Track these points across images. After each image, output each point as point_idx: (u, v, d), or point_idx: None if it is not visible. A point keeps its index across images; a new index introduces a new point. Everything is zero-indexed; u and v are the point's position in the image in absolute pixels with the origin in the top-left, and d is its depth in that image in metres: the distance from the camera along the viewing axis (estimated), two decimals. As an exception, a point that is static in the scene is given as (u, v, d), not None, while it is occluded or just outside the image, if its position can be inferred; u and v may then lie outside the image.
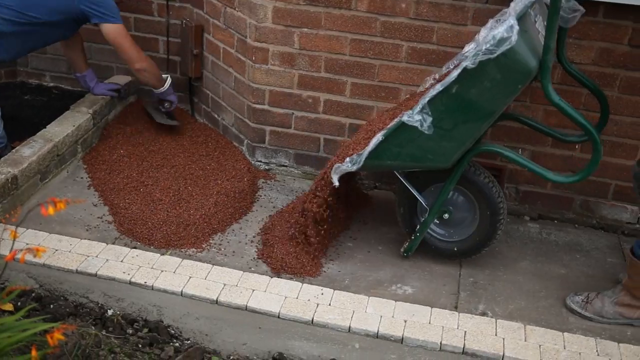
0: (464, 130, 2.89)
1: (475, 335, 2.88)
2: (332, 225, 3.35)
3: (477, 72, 2.73)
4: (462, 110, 2.84)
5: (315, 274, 3.18)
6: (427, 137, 2.87)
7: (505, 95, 2.85)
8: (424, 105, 2.83)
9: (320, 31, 3.63)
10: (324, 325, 2.90)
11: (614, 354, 2.83)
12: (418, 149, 2.94)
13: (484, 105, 2.84)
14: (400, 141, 2.92)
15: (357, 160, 2.95)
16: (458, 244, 3.28)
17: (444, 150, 2.94)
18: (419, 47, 3.55)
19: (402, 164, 3.01)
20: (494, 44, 2.65)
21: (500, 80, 2.76)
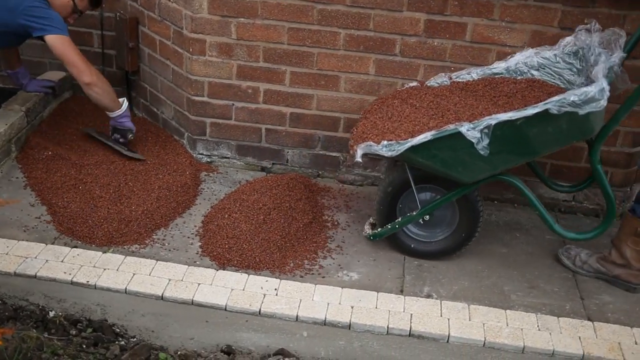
0: (503, 158, 2.92)
1: (421, 317, 2.93)
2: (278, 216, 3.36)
3: (549, 116, 2.76)
4: (514, 142, 2.86)
5: (265, 266, 3.17)
6: (469, 152, 2.86)
7: (558, 144, 2.94)
8: (489, 126, 2.80)
9: (257, 20, 3.61)
10: (272, 316, 2.90)
11: (553, 328, 2.92)
12: (453, 159, 2.93)
13: (534, 145, 2.90)
14: (443, 146, 2.89)
15: (396, 149, 2.90)
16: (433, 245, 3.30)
17: (475, 168, 2.96)
18: (357, 34, 3.57)
19: (431, 165, 2.98)
20: (583, 100, 2.68)
21: (563, 130, 2.82)
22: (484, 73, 3.33)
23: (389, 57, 3.59)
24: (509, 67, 3.31)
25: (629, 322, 3.00)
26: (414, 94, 3.30)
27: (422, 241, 3.31)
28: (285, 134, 3.87)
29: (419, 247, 3.30)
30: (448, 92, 3.25)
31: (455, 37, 3.49)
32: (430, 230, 3.30)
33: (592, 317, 3.02)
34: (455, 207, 3.22)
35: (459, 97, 3.18)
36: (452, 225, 3.26)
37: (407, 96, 3.29)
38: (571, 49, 3.22)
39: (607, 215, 3.09)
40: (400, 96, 3.32)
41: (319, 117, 3.80)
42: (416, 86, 3.41)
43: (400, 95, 3.33)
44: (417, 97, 3.25)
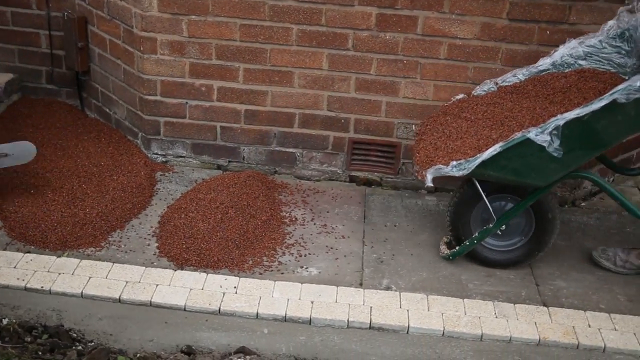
0: (575, 156, 2.88)
1: (381, 309, 2.95)
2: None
3: (617, 106, 2.72)
4: (583, 137, 2.83)
5: (223, 265, 3.15)
6: (539, 156, 2.83)
7: (627, 132, 2.90)
8: (557, 127, 2.77)
9: (208, 18, 3.58)
10: (232, 314, 2.89)
11: (510, 315, 2.97)
12: (524, 166, 2.89)
13: (604, 137, 2.86)
14: (513, 155, 2.86)
15: (466, 167, 2.87)
16: (506, 254, 3.26)
17: (548, 172, 2.92)
18: (309, 29, 3.56)
19: (503, 176, 2.94)
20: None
21: (633, 116, 2.78)
22: (529, 72, 3.28)
23: (341, 52, 3.60)
24: (554, 62, 3.26)
25: (583, 306, 3.07)
26: (465, 107, 3.24)
27: (498, 250, 3.27)
28: (240, 132, 3.85)
29: (495, 256, 3.26)
30: (499, 98, 3.22)
31: (407, 31, 3.52)
32: (507, 239, 3.26)
33: (547, 302, 3.08)
34: (530, 213, 3.17)
35: (512, 102, 3.15)
36: (528, 232, 3.22)
37: (459, 110, 3.24)
38: (616, 32, 3.18)
39: None
40: (451, 112, 3.26)
41: (274, 114, 3.79)
42: (464, 98, 3.34)
43: (451, 110, 3.27)
44: (469, 110, 3.20)
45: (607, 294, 3.16)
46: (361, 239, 3.43)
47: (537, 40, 3.48)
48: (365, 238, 3.44)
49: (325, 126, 3.79)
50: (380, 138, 3.79)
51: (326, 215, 3.58)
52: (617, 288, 3.20)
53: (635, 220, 3.67)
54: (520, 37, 3.48)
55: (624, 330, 2.92)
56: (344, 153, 3.85)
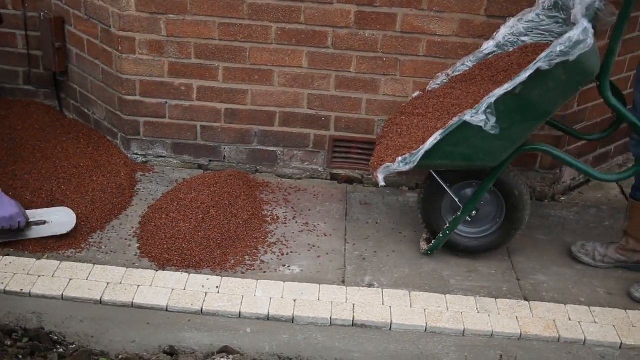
0: (518, 130, 2.89)
1: (364, 306, 2.96)
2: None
3: (544, 73, 2.72)
4: (521, 110, 2.83)
5: (205, 264, 3.14)
6: (482, 137, 2.84)
7: (564, 96, 2.89)
8: (489, 105, 2.78)
9: (187, 17, 3.56)
10: (214, 314, 2.88)
11: (492, 310, 2.99)
12: (470, 149, 2.91)
13: (543, 106, 2.86)
14: (455, 141, 2.87)
15: (411, 160, 2.88)
16: (480, 240, 3.30)
17: (495, 150, 2.93)
18: (288, 27, 3.56)
19: (452, 163, 2.96)
20: (569, 46, 2.63)
21: (564, 81, 2.77)
22: (476, 58, 3.30)
23: (321, 50, 3.60)
24: (498, 43, 3.27)
25: (563, 299, 3.10)
26: (419, 104, 3.27)
27: (476, 237, 3.30)
28: (221, 131, 3.84)
29: (474, 243, 3.30)
30: (449, 89, 3.24)
31: (386, 28, 3.52)
32: (482, 224, 3.29)
33: (528, 296, 3.11)
34: (498, 195, 3.20)
35: (460, 90, 3.17)
36: (501, 214, 3.24)
37: (413, 108, 3.26)
38: (549, 3, 3.18)
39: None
40: (407, 110, 3.28)
41: (255, 112, 3.78)
42: (419, 95, 3.37)
43: (406, 109, 3.30)
44: (422, 106, 3.22)
45: (587, 287, 3.20)
46: (343, 236, 3.43)
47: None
48: (347, 236, 3.44)
49: (305, 124, 3.79)
50: (361, 135, 3.80)
51: (308, 214, 3.58)
52: (597, 281, 3.24)
53: (614, 214, 3.71)
54: (498, 33, 3.50)
55: (604, 322, 2.95)
56: (325, 151, 3.85)
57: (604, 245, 3.35)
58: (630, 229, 3.25)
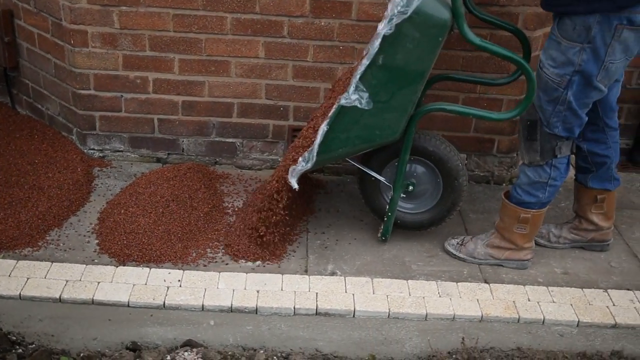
0: (401, 97, 2.88)
1: (327, 295, 2.97)
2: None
3: (396, 37, 2.73)
4: (394, 78, 2.83)
5: (166, 258, 3.12)
6: (369, 114, 2.86)
7: (429, 51, 2.84)
8: (356, 83, 2.82)
9: (140, 8, 3.51)
10: (177, 307, 2.86)
11: (453, 293, 3.03)
12: (364, 129, 2.92)
13: (413, 68, 2.84)
14: (344, 126, 2.89)
15: (309, 157, 2.89)
16: (426, 214, 3.32)
17: (389, 123, 2.93)
18: (243, 17, 3.53)
19: (354, 148, 2.98)
20: (404, 5, 2.67)
21: (420, 38, 2.76)
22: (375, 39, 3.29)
23: (277, 40, 3.59)
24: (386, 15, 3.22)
25: (522, 281, 3.16)
26: (327, 98, 3.28)
27: (411, 213, 3.33)
28: (178, 123, 3.80)
29: (407, 218, 3.33)
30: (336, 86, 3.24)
31: (342, 16, 3.52)
32: (421, 199, 3.32)
33: (489, 279, 3.16)
34: (438, 175, 3.24)
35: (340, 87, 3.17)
36: (437, 194, 3.28)
37: (320, 109, 3.26)
38: None
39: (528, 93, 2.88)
40: (315, 114, 3.30)
41: (212, 104, 3.75)
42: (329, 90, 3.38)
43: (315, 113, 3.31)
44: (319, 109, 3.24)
45: (545, 267, 3.26)
46: (305, 226, 3.43)
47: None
48: (308, 225, 3.45)
49: (264, 115, 3.78)
50: (313, 124, 3.80)
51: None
52: (554, 262, 3.30)
53: (569, 196, 3.78)
54: (452, 20, 3.52)
55: (562, 302, 3.02)
56: (285, 141, 3.84)
57: (557, 227, 3.41)
58: (580, 211, 3.32)
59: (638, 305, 3.02)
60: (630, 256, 3.37)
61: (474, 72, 3.62)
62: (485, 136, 3.82)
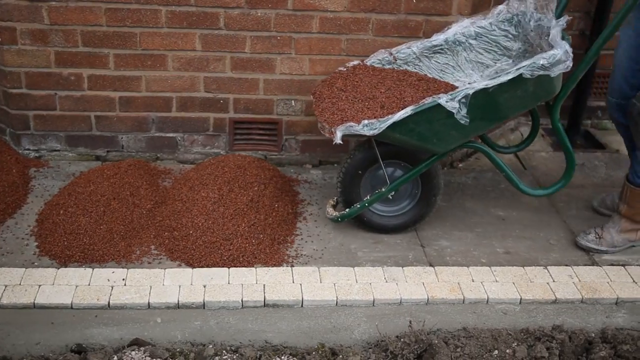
0: (475, 126, 2.97)
1: (274, 286, 2.96)
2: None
3: (517, 81, 2.85)
4: (486, 108, 2.94)
5: (109, 258, 3.06)
6: (444, 123, 2.93)
7: (524, 106, 3.06)
8: (467, 95, 2.86)
9: (70, 3, 3.42)
10: (122, 307, 2.82)
11: (399, 278, 3.06)
12: (429, 131, 2.97)
13: (503, 110, 3.00)
14: (421, 119, 2.92)
15: (377, 127, 2.89)
16: (393, 219, 3.35)
17: (449, 138, 3.02)
18: (178, 10, 3.48)
19: (408, 140, 2.99)
20: (551, 63, 2.80)
21: (530, 93, 2.94)
22: (424, 46, 3.38)
23: (214, 32, 3.55)
24: (447, 39, 3.39)
25: (466, 262, 3.22)
26: (363, 74, 3.27)
27: (386, 216, 3.35)
28: (116, 120, 3.73)
29: (382, 221, 3.35)
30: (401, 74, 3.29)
31: (278, 6, 3.51)
32: (394, 204, 3.35)
33: (433, 262, 3.21)
34: (418, 187, 3.30)
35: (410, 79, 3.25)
36: (414, 197, 3.33)
37: (357, 76, 3.26)
38: (505, 17, 3.37)
39: (567, 170, 3.20)
40: (349, 76, 3.27)
41: (151, 99, 3.69)
42: (358, 65, 3.36)
43: (348, 75, 3.28)
44: (368, 78, 3.24)
45: (487, 248, 3.33)
46: (250, 218, 3.42)
47: (404, 10, 3.56)
48: (253, 217, 3.43)
49: (204, 108, 3.74)
50: (260, 116, 3.78)
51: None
52: (496, 242, 3.38)
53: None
54: (388, 7, 3.55)
55: (504, 281, 3.09)
56: (226, 134, 3.81)
57: (608, 230, 3.38)
58: (626, 212, 3.32)
59: (576, 280, 3.11)
60: (568, 233, 3.48)
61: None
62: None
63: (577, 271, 3.18)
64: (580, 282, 3.10)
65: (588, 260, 3.28)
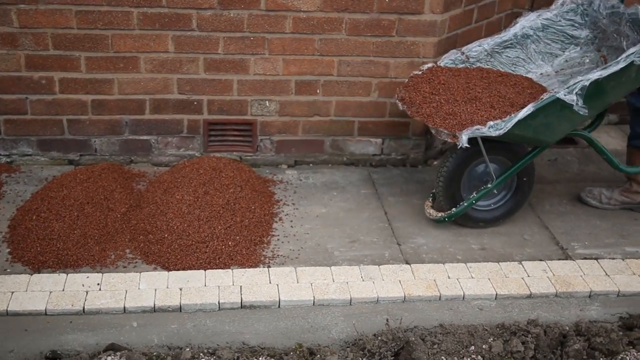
0: (582, 115, 3.05)
1: (251, 287, 2.96)
2: (89, 208, 3.22)
3: (625, 68, 2.96)
4: (594, 97, 3.02)
5: (84, 262, 3.03)
6: (557, 115, 3.02)
7: (626, 91, 3.20)
8: (583, 87, 2.96)
9: (40, 6, 3.38)
10: (97, 312, 2.79)
11: (376, 277, 3.07)
12: (543, 125, 3.06)
13: (608, 97, 3.12)
14: (540, 114, 3.01)
15: (503, 127, 2.97)
16: (491, 212, 3.45)
17: (559, 129, 3.13)
18: (150, 12, 3.46)
19: (523, 135, 3.08)
20: None
21: (632, 78, 3.07)
22: (494, 42, 3.49)
23: (187, 33, 3.53)
24: (516, 33, 3.50)
25: (442, 259, 3.24)
26: (450, 75, 3.36)
27: (486, 210, 3.45)
28: (89, 123, 3.69)
29: (482, 215, 3.44)
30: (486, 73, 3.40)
31: (251, 7, 3.50)
32: (493, 197, 3.45)
33: (410, 260, 3.22)
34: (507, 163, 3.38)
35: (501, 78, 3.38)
36: (511, 189, 3.44)
37: (447, 78, 3.34)
38: (570, 7, 3.52)
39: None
40: (437, 79, 3.34)
41: (123, 102, 3.66)
42: (437, 67, 3.42)
43: (432, 79, 3.35)
44: (463, 79, 3.33)
45: (462, 245, 3.35)
46: (225, 220, 3.41)
47: (377, 9, 3.58)
48: (229, 218, 3.42)
49: (178, 110, 3.72)
50: (235, 117, 3.77)
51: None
52: (471, 239, 3.40)
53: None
54: (361, 6, 3.56)
55: (480, 277, 3.11)
56: (201, 135, 3.80)
57: (609, 189, 3.66)
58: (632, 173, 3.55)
59: (551, 275, 3.14)
60: (541, 228, 3.51)
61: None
62: (400, 120, 3.88)
63: (551, 265, 3.21)
64: (554, 276, 3.14)
65: (562, 255, 3.32)
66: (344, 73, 3.71)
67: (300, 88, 3.71)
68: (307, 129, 3.84)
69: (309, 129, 3.83)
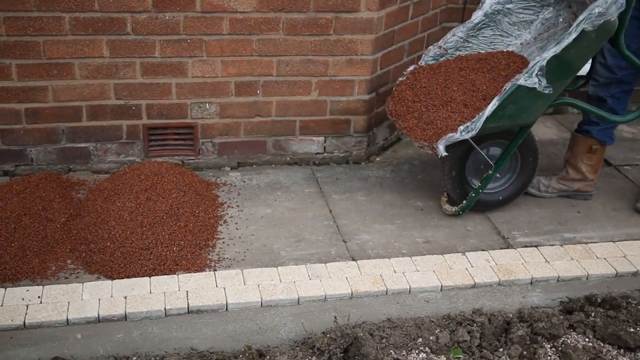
0: (556, 87, 3.11)
1: (197, 292, 2.93)
2: (27, 219, 3.13)
3: (581, 36, 2.96)
4: (559, 69, 3.07)
5: (23, 276, 2.95)
6: (528, 97, 3.08)
7: (592, 52, 3.16)
8: (541, 67, 3.00)
9: (-35, 13, 3.28)
10: (39, 325, 2.72)
11: (323, 275, 3.08)
12: (517, 110, 3.13)
13: (575, 64, 3.11)
14: (507, 104, 3.07)
15: (473, 128, 3.05)
16: (502, 193, 3.56)
17: (536, 108, 3.18)
18: (82, 16, 3.39)
19: (499, 125, 3.15)
20: (606, 7, 2.89)
21: (593, 39, 3.03)
22: (466, 28, 3.49)
23: (121, 37, 3.47)
24: (486, 12, 3.49)
25: (387, 254, 3.27)
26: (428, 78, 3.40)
27: (495, 192, 3.55)
28: (24, 132, 3.59)
29: (492, 198, 3.55)
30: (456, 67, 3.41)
31: (186, 9, 3.46)
32: (499, 180, 3.56)
33: (356, 256, 3.24)
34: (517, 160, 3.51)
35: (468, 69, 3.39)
36: (515, 169, 3.54)
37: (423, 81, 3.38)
38: None
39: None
40: (417, 84, 3.40)
41: (59, 109, 3.58)
42: (416, 68, 3.46)
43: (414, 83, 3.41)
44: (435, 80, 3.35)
45: (407, 239, 3.39)
46: (169, 225, 3.37)
47: (314, 8, 3.59)
48: (173, 224, 3.38)
49: (116, 116, 3.65)
50: (175, 121, 3.73)
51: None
52: (415, 232, 3.45)
53: (425, 168, 3.95)
54: (297, 6, 3.56)
55: (425, 270, 3.15)
56: (141, 140, 3.74)
57: (547, 178, 3.75)
58: (571, 159, 3.67)
59: (493, 264, 3.21)
60: (483, 219, 3.58)
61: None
62: (341, 117, 3.91)
63: (493, 255, 3.28)
64: (496, 265, 3.21)
65: (503, 244, 3.39)
66: (283, 73, 3.71)
67: (240, 89, 3.70)
68: (248, 130, 3.82)
69: (250, 130, 3.82)
